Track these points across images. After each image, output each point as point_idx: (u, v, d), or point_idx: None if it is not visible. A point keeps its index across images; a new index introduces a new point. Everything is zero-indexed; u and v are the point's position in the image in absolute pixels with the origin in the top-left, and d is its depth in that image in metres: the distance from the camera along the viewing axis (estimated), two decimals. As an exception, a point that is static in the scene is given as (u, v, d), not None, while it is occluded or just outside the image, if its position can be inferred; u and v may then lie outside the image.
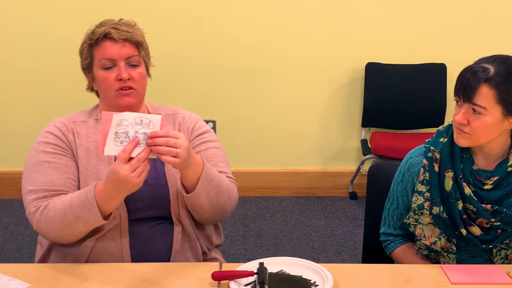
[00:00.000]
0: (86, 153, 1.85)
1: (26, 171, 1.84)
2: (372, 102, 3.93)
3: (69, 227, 1.73)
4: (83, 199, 1.70)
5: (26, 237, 3.54)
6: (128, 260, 1.81)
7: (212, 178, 1.79)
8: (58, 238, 1.79)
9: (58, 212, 1.73)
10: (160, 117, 1.64)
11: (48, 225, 1.75)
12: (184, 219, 1.86)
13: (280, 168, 4.15)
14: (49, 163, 1.82)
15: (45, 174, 1.80)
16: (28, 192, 1.80)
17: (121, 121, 1.62)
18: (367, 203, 2.17)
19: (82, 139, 1.87)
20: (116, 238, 1.81)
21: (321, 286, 1.64)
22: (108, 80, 1.82)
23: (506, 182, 1.78)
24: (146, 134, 1.62)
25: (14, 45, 3.88)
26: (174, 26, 3.85)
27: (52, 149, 1.84)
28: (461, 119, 1.71)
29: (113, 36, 1.80)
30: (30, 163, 1.84)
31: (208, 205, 1.80)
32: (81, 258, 1.81)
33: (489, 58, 1.72)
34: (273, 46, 3.93)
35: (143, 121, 1.63)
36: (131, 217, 1.82)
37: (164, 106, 2.01)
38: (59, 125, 1.88)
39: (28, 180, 1.82)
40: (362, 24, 3.92)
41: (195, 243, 1.89)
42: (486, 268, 1.77)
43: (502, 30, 3.93)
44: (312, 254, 3.37)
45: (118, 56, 1.81)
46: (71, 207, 1.71)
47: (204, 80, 3.94)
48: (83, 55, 1.87)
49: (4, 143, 4.03)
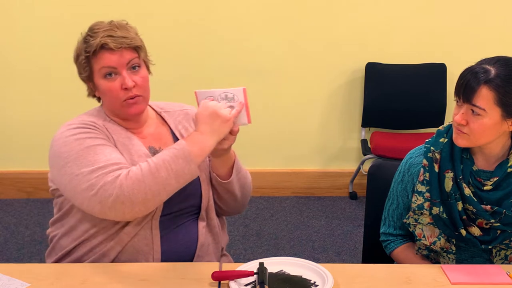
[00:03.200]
0: (125, 149, 1.80)
1: (74, 159, 1.69)
2: (372, 102, 3.93)
3: (160, 184, 1.65)
4: (175, 151, 1.68)
5: (26, 237, 3.54)
6: (158, 258, 1.80)
7: (241, 168, 1.94)
8: (142, 203, 1.66)
9: (148, 170, 1.65)
10: (242, 89, 1.73)
11: (135, 188, 1.63)
12: (211, 213, 1.93)
13: (280, 168, 4.15)
14: (104, 146, 1.72)
15: (107, 153, 1.71)
16: (91, 171, 1.66)
17: (209, 97, 1.75)
18: (367, 203, 2.17)
19: (116, 134, 1.82)
20: (148, 236, 1.80)
21: (321, 286, 1.64)
22: (112, 90, 1.78)
23: (506, 183, 1.78)
24: (232, 107, 1.74)
25: (14, 45, 3.88)
26: (174, 26, 3.85)
27: (97, 135, 1.75)
28: (460, 120, 1.71)
29: (110, 46, 1.75)
30: (77, 150, 1.70)
31: (238, 192, 1.93)
32: (109, 255, 1.79)
33: (491, 59, 1.71)
34: (273, 46, 3.94)
35: (228, 96, 1.74)
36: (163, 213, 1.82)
37: (167, 102, 2.02)
38: (88, 122, 1.79)
39: (86, 164, 1.67)
40: (362, 24, 3.92)
41: (217, 237, 1.95)
42: (486, 268, 1.77)
43: (502, 30, 3.93)
44: (312, 254, 3.37)
45: (118, 64, 1.77)
46: (164, 162, 1.66)
47: (204, 80, 3.94)
48: (81, 67, 1.81)
49: (4, 143, 4.03)
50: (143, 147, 1.84)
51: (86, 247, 1.81)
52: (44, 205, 3.90)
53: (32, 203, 3.97)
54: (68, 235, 1.85)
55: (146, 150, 1.84)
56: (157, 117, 1.97)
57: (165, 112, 1.98)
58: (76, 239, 1.82)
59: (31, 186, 4.02)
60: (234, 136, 1.78)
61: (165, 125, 1.96)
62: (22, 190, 4.05)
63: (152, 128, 1.92)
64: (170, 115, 1.97)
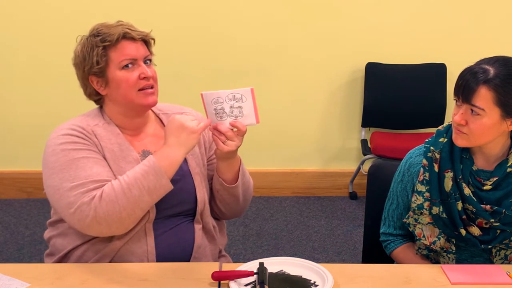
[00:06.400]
0: (113, 156, 1.80)
1: (58, 171, 1.72)
2: (372, 102, 3.93)
3: (134, 203, 1.67)
4: (146, 168, 1.69)
5: (26, 237, 3.54)
6: (153, 259, 1.80)
7: (245, 172, 1.93)
8: (119, 222, 1.69)
9: (121, 190, 1.67)
10: (249, 89, 1.73)
11: (109, 209, 1.66)
12: (207, 217, 1.91)
13: (280, 168, 4.15)
14: (87, 159, 1.74)
15: (88, 168, 1.72)
16: (70, 188, 1.69)
17: (216, 98, 1.76)
18: (367, 203, 2.17)
19: (105, 141, 1.81)
20: (142, 239, 1.80)
21: (321, 286, 1.64)
22: (130, 79, 1.78)
23: (505, 182, 1.78)
24: (241, 107, 1.74)
25: (14, 45, 3.88)
26: (174, 26, 3.85)
27: (82, 146, 1.76)
28: (459, 120, 1.71)
29: (132, 35, 1.78)
30: (61, 163, 1.73)
31: (241, 196, 1.92)
32: (104, 260, 1.79)
33: (490, 59, 1.71)
34: (273, 46, 3.94)
35: (236, 96, 1.74)
36: (157, 216, 1.82)
37: (166, 104, 2.02)
38: (78, 128, 1.80)
39: (67, 179, 1.70)
40: (362, 24, 3.92)
41: (214, 239, 1.94)
42: (486, 268, 1.77)
43: (502, 30, 3.93)
44: (312, 254, 3.37)
45: (138, 55, 1.80)
46: (135, 180, 1.67)
47: (204, 80, 3.94)
48: (94, 60, 1.78)
49: (4, 143, 4.03)
50: (134, 152, 1.83)
51: (80, 250, 1.81)
52: (44, 205, 3.89)
53: (32, 203, 3.97)
54: (64, 238, 1.86)
55: (137, 155, 1.83)
56: (156, 119, 1.96)
57: (163, 114, 1.97)
58: (70, 242, 1.83)
59: (31, 186, 4.02)
60: (242, 137, 1.78)
61: (163, 127, 1.94)
62: (22, 190, 4.05)
63: (151, 129, 1.92)
64: (169, 118, 1.94)
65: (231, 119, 1.76)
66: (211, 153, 1.98)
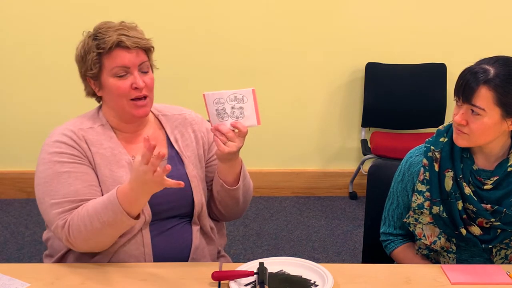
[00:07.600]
0: (104, 161, 1.80)
1: (43, 183, 1.77)
2: (372, 102, 3.93)
3: (96, 234, 1.68)
4: (106, 202, 1.67)
5: (26, 237, 3.54)
6: (150, 260, 1.80)
7: (246, 174, 1.92)
8: (90, 248, 1.74)
9: (83, 221, 1.68)
10: (251, 90, 1.73)
11: (76, 237, 1.70)
12: (204, 219, 1.90)
13: (280, 168, 4.15)
14: (69, 173, 1.75)
15: (68, 184, 1.74)
16: (51, 206, 1.74)
17: (218, 99, 1.75)
18: (367, 203, 2.17)
19: (96, 146, 1.81)
20: (138, 240, 1.79)
21: (321, 286, 1.64)
22: (121, 89, 1.77)
23: (506, 182, 1.78)
24: (242, 108, 1.74)
25: (14, 45, 3.88)
26: (174, 26, 3.85)
27: (68, 158, 1.77)
28: (460, 120, 1.71)
29: (127, 44, 1.75)
30: (46, 175, 1.77)
31: (242, 198, 1.91)
32: (101, 261, 1.79)
33: (490, 59, 1.71)
34: (273, 46, 3.93)
35: (237, 97, 1.74)
36: (153, 219, 1.81)
37: (166, 105, 2.00)
38: (69, 133, 1.80)
39: (48, 193, 1.75)
40: (362, 24, 3.92)
41: (212, 240, 1.93)
42: (486, 268, 1.77)
43: (502, 30, 3.93)
44: (312, 254, 3.37)
45: (132, 64, 1.77)
46: (95, 212, 1.67)
47: (204, 80, 3.94)
48: (89, 64, 1.78)
49: (4, 143, 4.03)
50: (127, 155, 1.82)
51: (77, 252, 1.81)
52: (44, 205, 3.89)
53: (32, 203, 3.97)
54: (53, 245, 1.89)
55: (130, 159, 1.82)
56: (155, 120, 1.95)
57: (163, 115, 1.95)
58: None
59: (31, 186, 3.92)
60: (243, 138, 1.77)
61: (162, 129, 1.93)
62: (22, 190, 4.05)
63: (149, 132, 1.90)
64: (168, 119, 1.95)
65: (232, 119, 1.75)
66: (211, 155, 1.97)
